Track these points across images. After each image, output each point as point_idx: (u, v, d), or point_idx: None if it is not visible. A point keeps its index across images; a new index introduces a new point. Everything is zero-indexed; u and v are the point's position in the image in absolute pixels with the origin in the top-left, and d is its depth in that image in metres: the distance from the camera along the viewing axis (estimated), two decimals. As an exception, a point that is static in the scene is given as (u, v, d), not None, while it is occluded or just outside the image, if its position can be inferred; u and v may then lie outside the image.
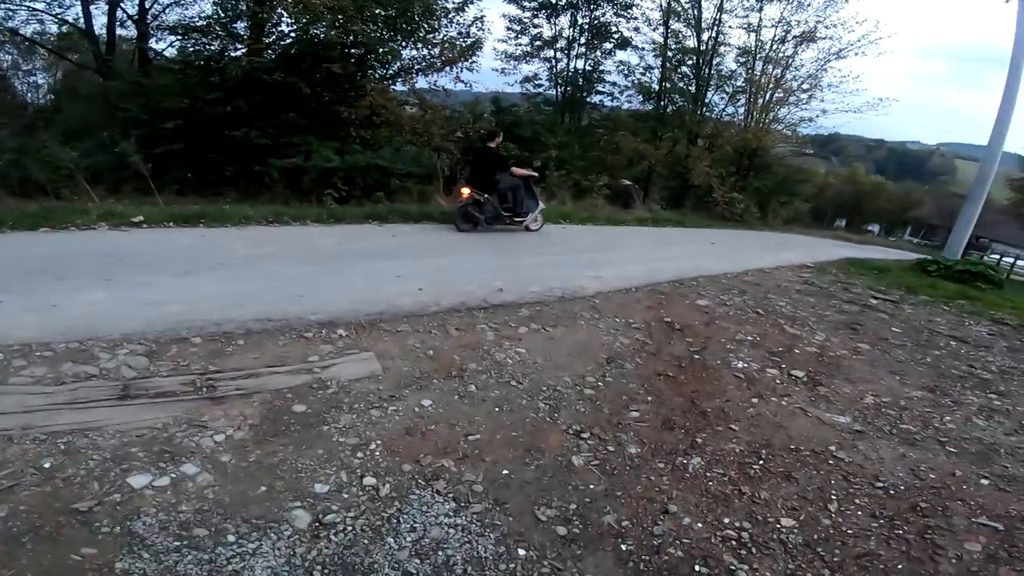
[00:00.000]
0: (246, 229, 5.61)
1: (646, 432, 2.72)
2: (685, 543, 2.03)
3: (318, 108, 11.12)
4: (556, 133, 16.47)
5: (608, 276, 5.42)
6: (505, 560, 1.85)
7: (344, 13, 10.28)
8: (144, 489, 1.95)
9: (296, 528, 1.87)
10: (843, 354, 4.27)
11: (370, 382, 2.86)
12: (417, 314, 3.79)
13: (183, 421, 2.35)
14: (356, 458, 2.26)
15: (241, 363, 2.89)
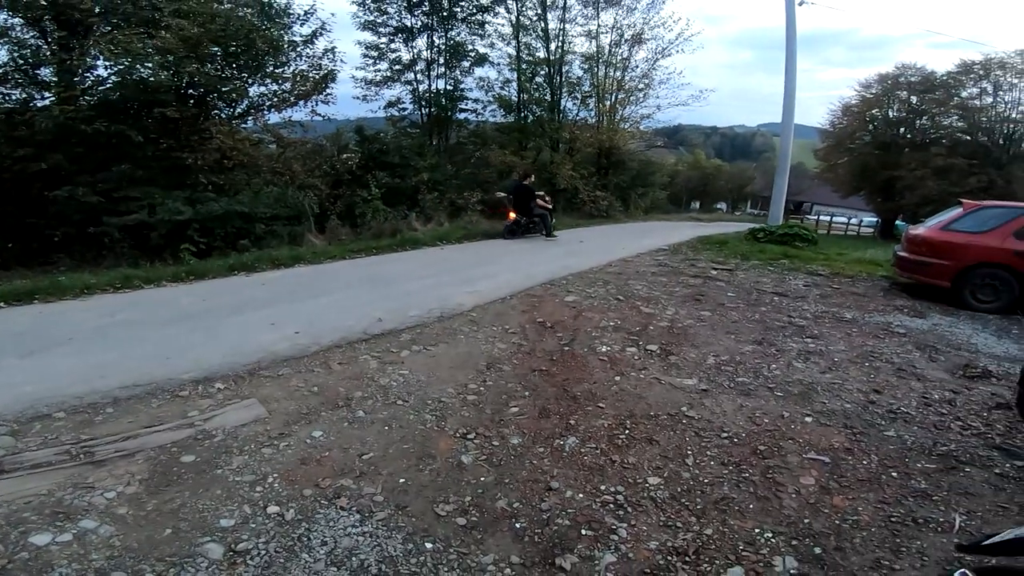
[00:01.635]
0: (91, 299, 5.15)
1: (525, 423, 3.07)
2: (570, 513, 2.33)
3: (156, 156, 10.33)
4: (426, 156, 16.78)
5: (485, 289, 5.82)
6: (415, 554, 2.05)
7: (174, 53, 9.77)
8: (49, 545, 1.98)
9: (211, 559, 1.95)
10: (689, 323, 5.03)
11: (257, 425, 2.91)
12: (297, 356, 3.84)
13: (68, 485, 2.33)
14: (256, 492, 2.35)
15: (115, 428, 2.82)
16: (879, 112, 26.84)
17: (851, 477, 2.64)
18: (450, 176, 16.99)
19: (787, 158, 12.74)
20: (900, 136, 26.32)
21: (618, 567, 2.03)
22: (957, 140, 24.35)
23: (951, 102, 24.34)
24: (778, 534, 2.23)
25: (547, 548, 2.12)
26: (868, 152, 26.51)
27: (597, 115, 20.46)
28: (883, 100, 26.43)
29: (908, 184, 23.10)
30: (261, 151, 12.98)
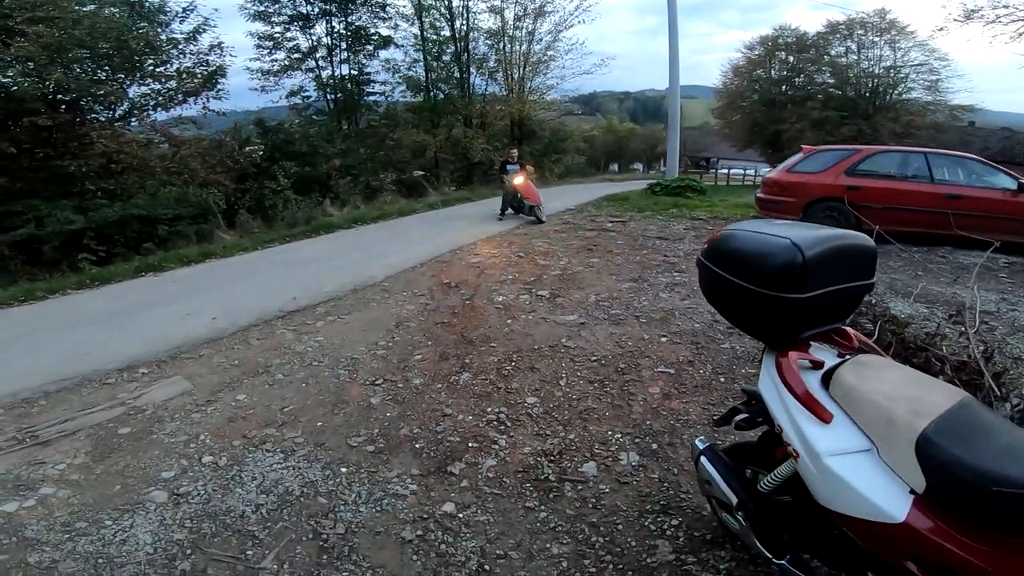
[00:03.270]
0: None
1: (427, 367, 3.63)
2: (460, 431, 2.87)
3: (33, 167, 9.78)
4: (335, 142, 16.62)
5: (397, 261, 6.27)
6: (331, 477, 2.52)
7: (35, 60, 9.28)
8: (18, 510, 2.31)
9: (158, 502, 2.35)
10: (579, 270, 5.76)
11: (184, 397, 3.29)
12: (216, 338, 4.19)
13: (22, 464, 2.64)
14: (190, 448, 2.76)
15: (53, 415, 3.11)
16: (763, 72, 29.74)
17: (689, 384, 3.21)
18: (364, 160, 16.97)
19: (676, 117, 13.88)
20: (782, 93, 29.39)
21: (497, 468, 2.56)
22: (830, 95, 27.48)
23: (822, 60, 27.45)
24: (625, 435, 2.74)
25: (441, 460, 2.63)
26: (756, 109, 29.60)
27: (506, 89, 20.94)
28: (765, 61, 29.33)
29: (791, 136, 25.66)
30: (152, 152, 12.46)
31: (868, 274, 1.55)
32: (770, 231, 1.51)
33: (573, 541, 2.09)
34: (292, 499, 2.37)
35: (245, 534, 2.17)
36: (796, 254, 1.38)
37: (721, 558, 1.95)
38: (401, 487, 2.44)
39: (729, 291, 1.56)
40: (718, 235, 1.65)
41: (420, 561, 2.02)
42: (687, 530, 2.11)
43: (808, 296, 1.40)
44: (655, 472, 2.47)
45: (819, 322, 1.53)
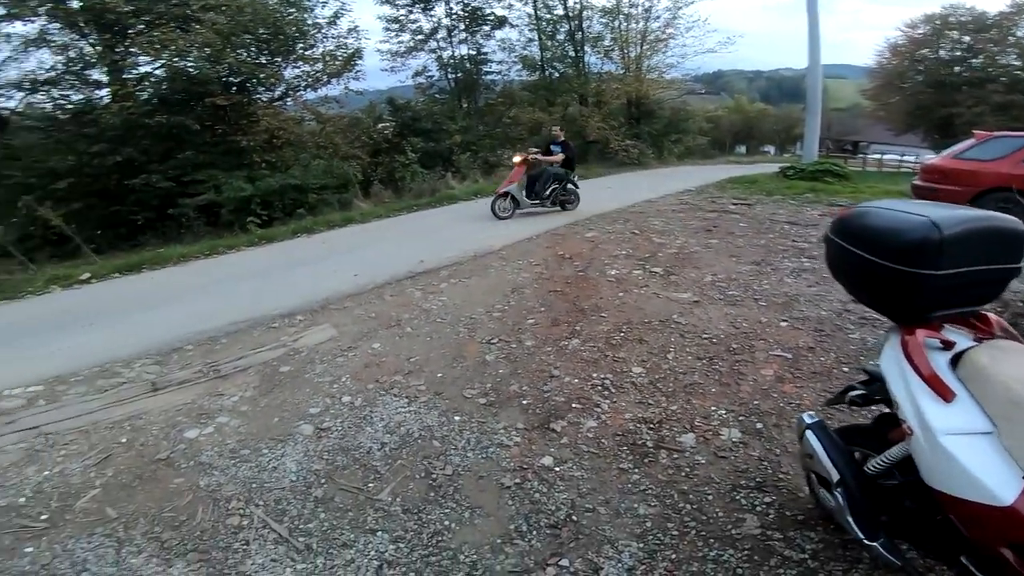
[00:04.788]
0: (187, 265, 6.32)
1: (539, 331, 3.82)
2: (566, 392, 3.02)
3: (214, 142, 11.42)
4: (456, 119, 17.36)
5: (514, 231, 6.56)
6: (446, 424, 2.80)
7: (211, 46, 10.61)
8: (198, 437, 2.81)
9: (305, 435, 2.78)
10: (696, 250, 5.59)
11: (331, 343, 3.81)
12: (357, 293, 4.76)
13: (205, 395, 3.22)
14: (333, 388, 3.20)
15: (231, 353, 3.77)
16: (930, 52, 26.04)
17: (806, 370, 3.06)
18: (482, 136, 17.54)
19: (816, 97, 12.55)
20: (954, 74, 25.64)
21: (597, 430, 2.67)
22: (1016, 78, 23.39)
23: (1006, 41, 23.39)
24: (730, 412, 2.71)
25: (545, 417, 2.80)
26: (922, 90, 26.12)
27: (622, 67, 20.29)
28: (932, 40, 25.67)
29: (967, 120, 22.14)
30: (304, 128, 13.96)
31: (1015, 258, 1.44)
32: (909, 209, 1.45)
33: (660, 504, 2.14)
34: (411, 440, 2.66)
35: (369, 468, 2.48)
36: (933, 230, 1.33)
37: (809, 539, 1.92)
38: (506, 438, 2.63)
39: (858, 266, 1.52)
40: (848, 211, 1.61)
41: (515, 506, 2.19)
42: (779, 508, 2.09)
43: (942, 274, 1.34)
44: (756, 450, 2.44)
45: (954, 303, 1.45)
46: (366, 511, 2.22)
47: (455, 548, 2.01)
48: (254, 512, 2.24)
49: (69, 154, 10.55)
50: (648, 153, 18.51)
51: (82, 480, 2.51)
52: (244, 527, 2.17)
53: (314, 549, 2.05)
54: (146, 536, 2.15)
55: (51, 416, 3.09)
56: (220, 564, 2.00)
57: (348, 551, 2.03)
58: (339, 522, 2.17)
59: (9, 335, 4.39)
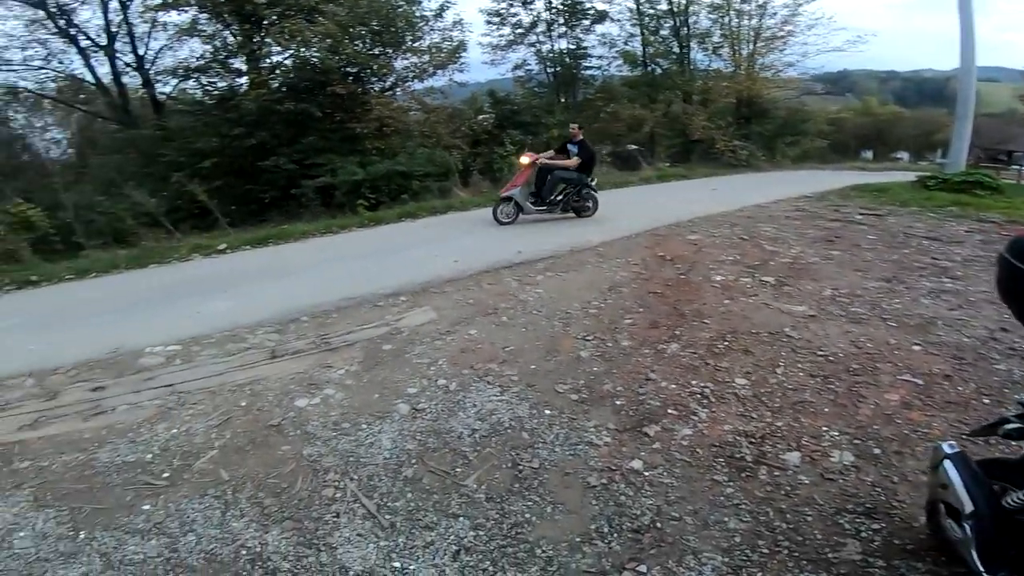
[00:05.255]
0: (307, 242, 6.90)
1: (636, 331, 3.71)
2: (661, 397, 2.92)
3: (333, 128, 12.27)
4: (555, 113, 17.33)
5: (611, 228, 6.42)
6: (536, 417, 2.80)
7: (333, 37, 11.38)
8: (307, 407, 3.01)
9: (402, 414, 2.89)
10: (814, 261, 5.14)
11: (431, 325, 3.96)
12: (456, 279, 4.91)
13: (316, 366, 3.46)
14: (430, 370, 3.32)
15: (340, 327, 4.04)
16: None
17: (939, 399, 2.79)
18: (580, 131, 17.37)
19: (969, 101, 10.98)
20: None
21: (692, 438, 2.56)
22: None
23: None
24: (844, 433, 2.53)
25: (638, 420, 2.72)
26: None
27: (733, 64, 19.07)
28: None
29: None
30: (410, 118, 14.63)
31: None
32: None
33: (753, 520, 2.05)
34: (501, 430, 2.69)
35: (458, 453, 2.53)
36: None
37: (915, 568, 1.78)
38: (596, 437, 2.59)
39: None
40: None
41: (598, 506, 2.16)
42: (886, 536, 1.94)
43: None
44: (869, 475, 2.26)
45: None
46: (451, 495, 2.27)
47: (533, 541, 2.01)
48: (348, 485, 2.36)
49: (214, 136, 11.85)
50: (758, 155, 17.30)
51: (203, 440, 2.74)
52: (337, 499, 2.28)
53: (398, 528, 2.11)
54: (250, 501, 2.30)
55: (185, 375, 3.45)
56: (310, 534, 2.11)
57: (429, 533, 2.08)
58: (424, 503, 2.23)
59: (157, 297, 5.02)
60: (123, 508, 2.30)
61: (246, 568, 1.98)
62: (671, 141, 19.50)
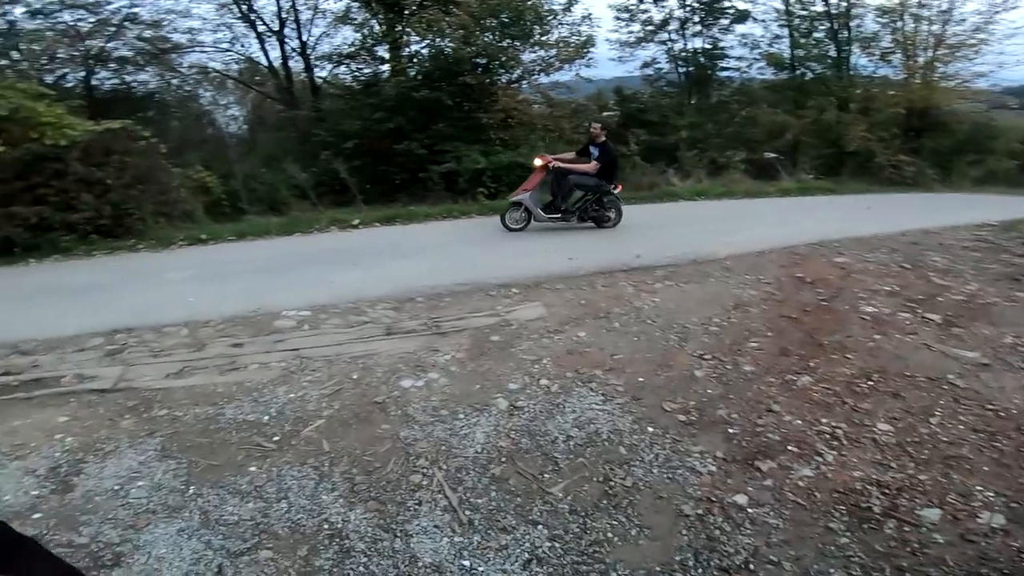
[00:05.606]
0: (429, 224, 7.33)
1: (762, 357, 3.40)
2: (783, 432, 2.67)
3: (461, 117, 12.77)
4: (685, 114, 16.52)
5: (741, 241, 5.94)
6: (637, 433, 2.68)
7: (466, 28, 11.81)
8: (410, 388, 3.14)
9: (499, 409, 2.91)
10: (994, 301, 4.36)
11: (540, 322, 3.96)
12: (569, 276, 4.87)
13: (424, 348, 3.61)
14: (534, 368, 3.31)
15: (452, 312, 4.19)
16: None
17: None
18: (711, 135, 16.40)
19: None
20: None
21: (811, 480, 2.32)
22: None
23: None
24: (1000, 495, 2.24)
25: (750, 452, 2.51)
26: None
27: (904, 72, 16.67)
28: None
29: None
30: (534, 111, 14.80)
31: None
32: None
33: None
34: (598, 440, 2.61)
35: (549, 458, 2.49)
36: None
37: None
38: (699, 464, 2.44)
39: None
40: None
41: (688, 537, 2.03)
42: None
43: None
44: (1017, 540, 2.03)
45: None
46: (534, 501, 2.24)
47: (610, 563, 1.93)
48: (436, 474, 2.40)
49: (357, 119, 12.90)
50: (928, 173, 15.07)
51: (315, 408, 2.94)
52: (422, 487, 2.34)
53: (475, 526, 2.11)
54: (343, 475, 2.41)
55: (310, 341, 3.76)
56: (390, 518, 2.17)
57: (505, 536, 2.06)
58: (506, 505, 2.22)
59: (298, 263, 5.57)
60: (233, 467, 2.50)
61: (324, 543, 2.07)
62: (819, 151, 17.65)
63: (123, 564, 2.02)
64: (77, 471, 2.53)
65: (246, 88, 17.38)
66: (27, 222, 6.44)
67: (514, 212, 6.64)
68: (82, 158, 6.73)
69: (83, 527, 2.19)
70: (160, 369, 3.46)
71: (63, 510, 2.29)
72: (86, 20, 12.75)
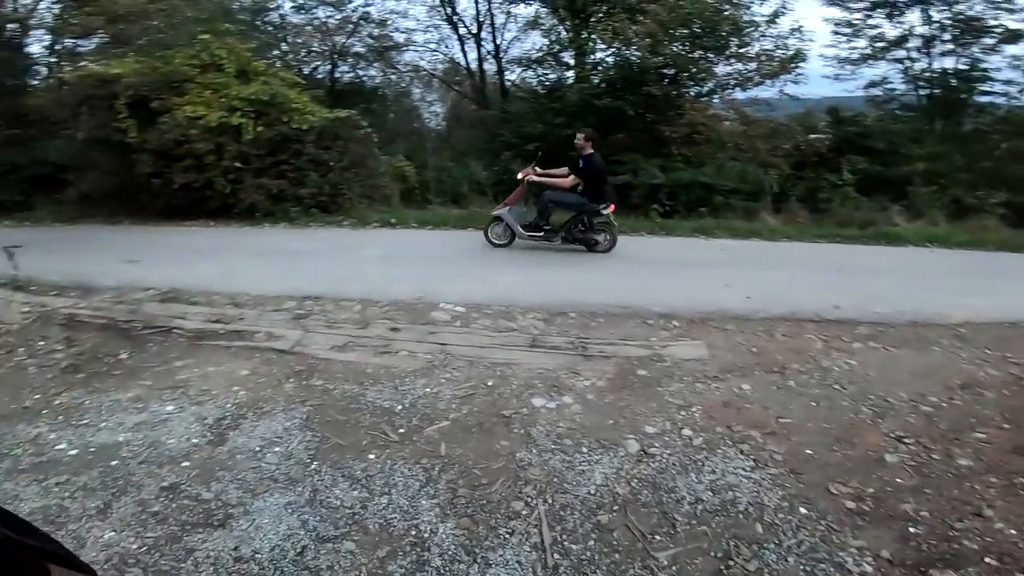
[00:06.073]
0: None
1: (988, 452, 2.75)
2: (986, 541, 2.16)
3: (642, 128, 12.54)
4: (924, 143, 14.00)
5: (986, 305, 4.80)
6: (785, 511, 2.32)
7: (653, 37, 11.49)
8: (541, 408, 3.11)
9: (628, 452, 2.73)
10: None
11: (698, 363, 3.69)
12: (744, 317, 4.44)
13: (565, 368, 3.57)
14: (679, 415, 3.07)
15: (601, 335, 4.13)
16: None
17: None
18: (957, 169, 13.65)
19: None
20: None
21: None
22: None
23: None
24: None
25: (928, 559, 2.07)
26: None
27: None
28: None
29: None
30: (724, 128, 13.84)
31: None
32: None
33: None
34: (731, 511, 2.32)
35: (667, 518, 2.26)
36: None
37: None
38: (853, 562, 2.07)
39: None
40: None
41: None
42: None
43: None
44: None
45: None
46: (633, 562, 2.06)
47: None
48: (539, 507, 2.32)
49: (539, 123, 13.44)
50: None
51: (444, 408, 3.05)
52: (520, 516, 2.27)
53: (559, 573, 2.01)
54: (448, 484, 2.43)
55: (458, 339, 3.97)
56: (476, 540, 2.14)
57: None
58: (600, 559, 2.07)
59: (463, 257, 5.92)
60: (356, 450, 2.67)
61: (404, 548, 2.11)
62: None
63: (227, 526, 2.24)
64: (235, 426, 2.93)
65: (447, 87, 19.28)
66: (269, 192, 8.04)
67: (496, 227, 6.52)
68: (315, 141, 8.24)
69: (214, 483, 2.49)
70: (329, 340, 3.97)
71: (208, 463, 2.63)
72: (333, 16, 15.48)
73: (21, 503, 2.39)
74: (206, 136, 7.75)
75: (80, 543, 2.15)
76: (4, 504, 2.46)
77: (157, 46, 9.20)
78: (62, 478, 2.56)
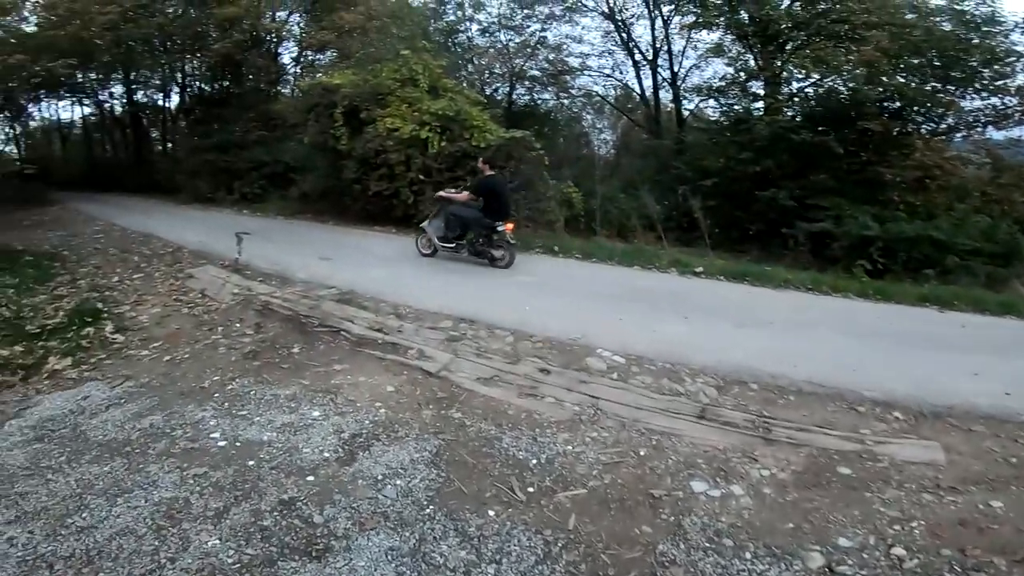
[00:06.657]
0: (785, 292, 6.19)
1: None
2: None
3: (851, 169, 10.99)
4: None
5: None
6: None
7: (870, 66, 10.23)
8: (700, 494, 2.68)
9: (806, 567, 2.21)
10: None
11: (928, 468, 2.92)
12: (999, 418, 3.44)
13: (739, 450, 3.05)
14: (891, 529, 2.44)
15: (791, 416, 3.45)
16: None
17: None
18: None
19: None
20: None
21: None
22: None
23: None
24: None
25: None
26: None
27: None
28: None
29: None
30: (968, 173, 11.58)
31: None
32: None
33: None
34: None
35: None
36: None
37: None
38: None
39: None
40: None
41: None
42: None
43: None
44: None
45: None
46: None
47: None
48: None
49: (720, 157, 12.56)
50: None
51: (584, 473, 2.75)
52: None
53: None
54: (567, 567, 2.16)
55: (612, 394, 3.61)
56: None
57: None
58: None
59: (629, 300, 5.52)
60: (476, 502, 2.49)
61: None
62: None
63: (323, 560, 2.18)
64: (367, 446, 2.94)
65: (619, 114, 19.18)
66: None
67: (422, 238, 7.34)
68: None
69: (328, 506, 2.47)
70: (476, 369, 3.90)
71: (330, 482, 2.63)
72: (513, 40, 16.46)
73: (155, 490, 2.60)
74: (399, 147, 8.56)
75: (184, 545, 2.26)
76: (138, 488, 2.52)
77: (369, 60, 10.64)
78: (201, 470, 2.77)
